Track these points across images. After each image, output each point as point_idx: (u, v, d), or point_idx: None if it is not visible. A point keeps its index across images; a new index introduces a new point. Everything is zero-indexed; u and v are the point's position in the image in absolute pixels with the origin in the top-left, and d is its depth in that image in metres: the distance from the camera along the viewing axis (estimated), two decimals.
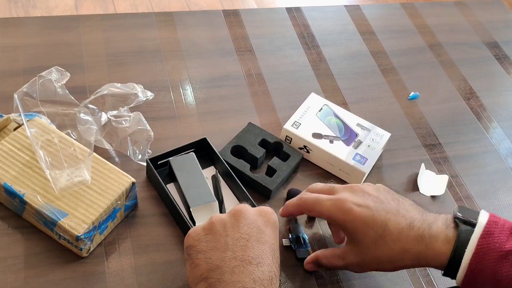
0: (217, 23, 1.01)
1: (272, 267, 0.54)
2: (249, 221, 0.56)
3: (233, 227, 0.56)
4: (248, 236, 0.55)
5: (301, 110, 0.83)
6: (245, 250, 0.54)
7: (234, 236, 0.55)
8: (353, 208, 0.59)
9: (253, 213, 0.58)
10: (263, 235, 0.56)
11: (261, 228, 0.56)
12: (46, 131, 0.70)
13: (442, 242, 0.57)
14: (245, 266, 0.53)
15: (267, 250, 0.55)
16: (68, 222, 0.62)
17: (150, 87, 0.84)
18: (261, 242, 0.55)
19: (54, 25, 0.93)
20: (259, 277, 0.52)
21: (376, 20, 1.09)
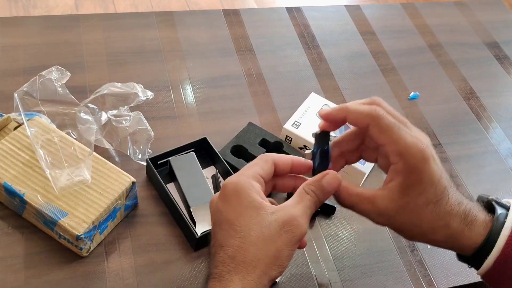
0: (217, 23, 1.01)
1: (230, 242, 0.49)
2: (212, 207, 0.53)
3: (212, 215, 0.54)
4: (214, 222, 0.53)
5: (301, 110, 0.83)
6: (213, 238, 0.52)
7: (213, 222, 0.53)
8: (431, 161, 0.51)
9: (215, 197, 0.53)
10: (221, 214, 0.51)
11: (218, 207, 0.52)
12: (46, 130, 0.69)
13: (481, 223, 0.53)
14: (211, 256, 0.51)
15: (225, 226, 0.50)
16: (68, 222, 0.62)
17: (150, 86, 0.84)
18: (220, 221, 0.51)
19: (54, 24, 0.93)
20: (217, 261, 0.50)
21: (376, 20, 1.09)
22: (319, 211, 0.75)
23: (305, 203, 0.52)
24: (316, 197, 0.53)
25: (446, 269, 0.73)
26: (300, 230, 0.50)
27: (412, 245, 0.75)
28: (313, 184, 0.53)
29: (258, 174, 0.53)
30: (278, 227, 0.49)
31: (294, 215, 0.50)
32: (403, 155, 0.51)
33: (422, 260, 0.73)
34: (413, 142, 0.51)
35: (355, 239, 0.74)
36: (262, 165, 0.54)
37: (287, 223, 0.49)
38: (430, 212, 0.52)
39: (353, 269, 0.71)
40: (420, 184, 0.51)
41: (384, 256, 0.73)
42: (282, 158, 0.55)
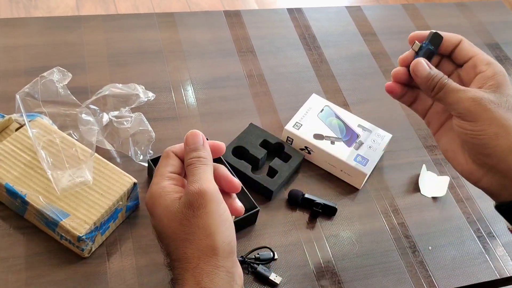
0: (218, 24, 1.01)
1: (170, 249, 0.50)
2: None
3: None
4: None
5: (303, 111, 0.83)
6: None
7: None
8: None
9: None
10: (154, 228, 0.52)
11: (152, 224, 0.53)
12: (47, 131, 0.70)
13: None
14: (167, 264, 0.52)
15: (161, 237, 0.51)
16: (69, 223, 0.62)
17: (152, 87, 0.84)
18: (157, 235, 0.52)
19: (55, 25, 0.93)
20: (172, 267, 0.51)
21: (377, 21, 1.09)
22: (320, 212, 0.75)
23: (195, 172, 0.51)
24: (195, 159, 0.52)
25: (447, 270, 0.73)
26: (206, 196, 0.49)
27: (414, 246, 0.75)
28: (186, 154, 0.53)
29: (166, 173, 0.52)
30: (190, 210, 0.48)
31: (192, 190, 0.49)
32: (492, 63, 0.56)
33: (423, 261, 0.73)
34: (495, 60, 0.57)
35: (356, 240, 0.74)
36: (165, 162, 0.53)
37: (192, 201, 0.48)
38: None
39: (354, 270, 0.71)
40: (509, 86, 0.54)
41: (385, 257, 0.73)
42: (181, 146, 0.55)
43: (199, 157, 0.52)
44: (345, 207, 0.77)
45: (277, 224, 0.74)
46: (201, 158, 0.52)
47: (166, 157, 0.54)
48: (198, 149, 0.53)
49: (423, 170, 0.83)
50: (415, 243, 0.75)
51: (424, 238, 0.76)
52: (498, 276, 0.74)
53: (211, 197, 0.49)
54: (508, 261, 0.75)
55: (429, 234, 0.77)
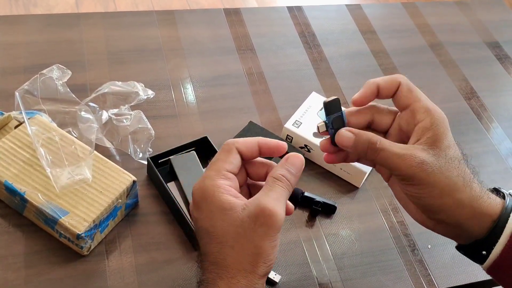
0: (218, 22, 1.00)
1: (210, 249, 0.48)
2: (191, 215, 0.52)
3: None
4: (195, 229, 0.52)
5: (302, 109, 0.83)
6: (198, 246, 0.51)
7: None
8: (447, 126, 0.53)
9: (191, 203, 0.52)
10: (197, 222, 0.50)
11: (194, 216, 0.51)
12: (47, 129, 0.69)
13: (495, 197, 0.54)
14: (201, 260, 0.51)
15: (203, 234, 0.49)
16: (69, 220, 0.62)
17: (151, 85, 0.84)
18: (198, 230, 0.50)
19: (55, 23, 0.93)
20: (203, 268, 0.49)
21: (377, 20, 1.09)
22: (320, 211, 0.75)
23: (276, 189, 0.49)
24: (286, 180, 0.50)
25: (447, 269, 0.73)
26: (274, 219, 0.47)
27: (413, 245, 0.75)
28: (279, 169, 0.51)
29: (223, 170, 0.50)
30: (252, 223, 0.47)
31: (265, 206, 0.47)
32: (430, 111, 0.52)
33: (423, 259, 0.73)
34: (434, 105, 0.54)
35: (356, 239, 0.74)
36: (225, 157, 0.51)
37: (259, 216, 0.47)
38: (458, 167, 0.52)
39: (354, 268, 0.71)
40: (448, 137, 0.52)
41: (385, 255, 0.73)
42: (246, 143, 0.52)
43: (289, 182, 0.50)
44: (345, 206, 0.77)
45: None
46: (290, 184, 0.50)
47: (228, 152, 0.51)
48: (292, 174, 0.51)
49: None
50: (414, 242, 0.75)
51: (423, 236, 0.76)
52: None
53: (278, 223, 0.48)
54: None
55: (428, 232, 0.76)
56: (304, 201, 0.75)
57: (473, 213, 0.53)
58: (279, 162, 0.52)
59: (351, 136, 0.53)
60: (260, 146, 0.52)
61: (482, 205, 0.52)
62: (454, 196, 0.52)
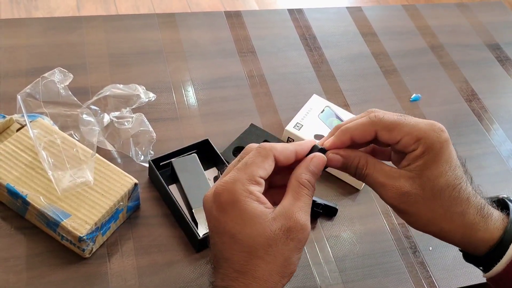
0: (219, 25, 1.01)
1: (236, 257, 0.46)
2: (206, 211, 0.49)
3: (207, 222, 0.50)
4: (211, 229, 0.49)
5: (303, 112, 0.83)
6: (213, 247, 0.49)
7: (209, 233, 0.50)
8: (449, 142, 0.51)
9: (208, 199, 0.49)
10: (219, 224, 0.47)
11: (215, 215, 0.48)
12: (48, 132, 0.70)
13: (497, 218, 0.51)
14: (213, 265, 0.49)
15: (226, 239, 0.47)
16: (70, 223, 0.62)
17: (152, 88, 0.84)
18: (220, 232, 0.47)
19: (56, 26, 0.93)
20: (223, 274, 0.47)
21: (378, 22, 1.09)
22: (321, 213, 0.75)
23: (303, 199, 0.48)
24: (311, 186, 0.49)
25: (448, 271, 0.73)
26: (305, 233, 0.47)
27: (414, 247, 0.75)
28: (305, 172, 0.49)
29: (257, 176, 0.48)
30: (284, 236, 0.46)
31: (297, 219, 0.46)
32: (420, 139, 0.50)
33: (424, 261, 0.73)
34: (428, 125, 0.50)
35: (357, 241, 0.74)
36: (261, 163, 0.48)
37: (292, 230, 0.46)
38: (448, 196, 0.50)
39: (355, 270, 0.71)
40: (439, 164, 0.50)
41: (386, 257, 0.73)
42: (284, 151, 0.50)
43: (314, 187, 0.49)
44: (346, 208, 0.77)
45: None
46: (313, 188, 0.49)
47: (265, 157, 0.49)
48: (315, 177, 0.49)
49: None
50: (415, 244, 0.75)
51: (424, 238, 0.76)
52: None
53: (307, 237, 0.47)
54: None
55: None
56: None
57: (468, 240, 0.52)
58: (302, 162, 0.50)
59: (339, 158, 0.52)
60: (297, 154, 0.50)
61: (477, 233, 0.51)
62: (441, 225, 0.51)
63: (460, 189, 0.50)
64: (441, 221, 0.51)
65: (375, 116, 0.51)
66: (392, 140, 0.51)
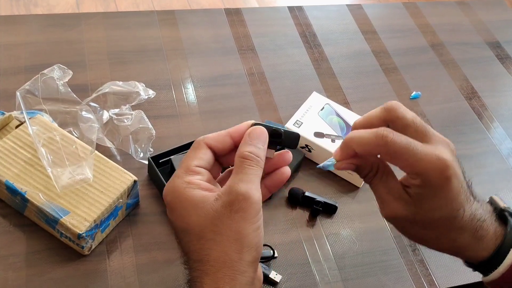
0: (219, 22, 1.00)
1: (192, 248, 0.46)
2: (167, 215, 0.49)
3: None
4: (174, 231, 0.49)
5: (303, 109, 0.83)
6: (178, 246, 0.49)
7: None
8: (452, 179, 0.48)
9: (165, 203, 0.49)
10: (172, 224, 0.48)
11: (169, 217, 0.48)
12: (48, 129, 0.69)
13: (491, 237, 0.52)
14: (184, 261, 0.49)
15: (180, 235, 0.48)
16: (70, 220, 0.62)
17: (152, 85, 0.84)
18: (177, 231, 0.48)
19: (56, 23, 0.93)
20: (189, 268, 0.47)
21: (378, 20, 1.09)
22: (321, 210, 0.75)
23: (245, 170, 0.46)
24: (254, 157, 0.47)
25: (448, 269, 0.73)
26: (250, 201, 0.45)
27: (414, 245, 0.75)
28: (244, 146, 0.48)
29: (191, 166, 0.48)
30: (227, 211, 0.45)
31: (237, 191, 0.45)
32: (421, 175, 0.48)
33: (424, 259, 0.73)
34: (431, 161, 0.47)
35: (357, 238, 0.74)
36: (193, 154, 0.49)
37: (233, 203, 0.45)
38: (442, 225, 0.51)
39: (355, 268, 0.71)
40: (436, 200, 0.49)
41: (386, 255, 0.73)
42: (217, 137, 0.50)
43: (258, 156, 0.47)
44: (346, 206, 0.77)
45: (277, 222, 0.74)
46: (259, 159, 0.47)
47: (196, 149, 0.49)
48: (259, 148, 0.48)
49: None
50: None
51: None
52: None
53: (255, 205, 0.45)
54: None
55: None
56: (305, 201, 0.75)
57: (459, 256, 0.55)
58: (242, 140, 0.49)
59: (352, 167, 0.53)
60: (232, 136, 0.50)
61: (467, 253, 0.53)
62: (431, 245, 0.54)
63: (455, 219, 0.50)
64: (430, 243, 0.54)
65: (382, 137, 0.49)
66: (394, 164, 0.50)
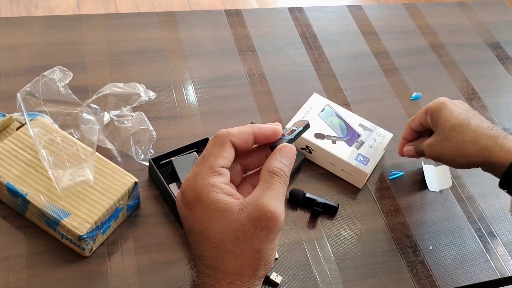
0: (219, 23, 1.01)
1: (207, 253, 0.46)
2: (179, 211, 0.48)
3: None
4: (185, 229, 0.48)
5: (303, 110, 0.83)
6: (190, 246, 0.49)
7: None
8: (448, 103, 0.72)
9: (178, 199, 0.48)
10: (187, 222, 0.47)
11: (184, 215, 0.47)
12: (48, 130, 0.70)
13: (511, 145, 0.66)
14: (195, 263, 0.48)
15: (195, 236, 0.46)
16: (71, 222, 0.62)
17: (153, 87, 0.84)
18: (191, 231, 0.47)
19: (56, 24, 0.93)
20: (198, 271, 0.47)
21: (378, 21, 1.09)
22: (321, 211, 0.75)
23: (274, 187, 0.46)
24: (283, 175, 0.47)
25: (448, 270, 0.73)
26: (277, 221, 0.45)
27: (414, 246, 0.75)
28: (275, 162, 0.47)
29: (217, 167, 0.46)
30: (253, 226, 0.44)
31: (266, 207, 0.44)
32: (427, 111, 0.73)
33: (424, 261, 0.73)
34: (433, 101, 0.74)
35: (357, 240, 0.74)
36: (218, 152, 0.46)
37: (260, 219, 0.44)
38: (457, 132, 0.68)
39: (355, 269, 0.71)
40: (442, 117, 0.71)
41: (386, 256, 0.73)
42: (241, 134, 0.48)
43: (286, 175, 0.47)
44: (346, 207, 0.77)
45: None
46: (286, 177, 0.47)
47: (221, 146, 0.47)
48: (287, 166, 0.48)
49: (424, 166, 0.83)
50: (416, 243, 0.75)
51: (425, 237, 0.76)
52: (499, 276, 0.74)
53: (280, 225, 0.45)
54: (509, 261, 0.75)
55: (430, 233, 0.77)
56: (305, 202, 0.75)
57: (486, 161, 0.67)
58: (271, 154, 0.48)
59: (412, 148, 0.77)
60: (255, 135, 0.49)
61: (493, 153, 0.65)
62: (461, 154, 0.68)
63: (464, 124, 0.68)
64: (459, 151, 0.68)
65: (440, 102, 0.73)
66: (421, 121, 0.75)
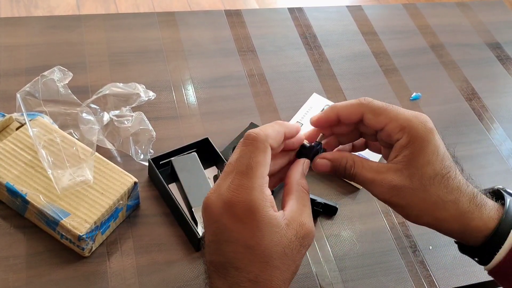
0: (219, 23, 1.01)
1: (251, 267, 0.45)
2: (211, 217, 0.46)
3: (205, 226, 0.48)
4: (216, 236, 0.46)
5: (303, 111, 0.83)
6: (217, 253, 0.46)
7: (207, 237, 0.47)
8: (434, 132, 0.50)
9: (216, 205, 0.46)
10: (230, 233, 0.45)
11: (225, 224, 0.45)
12: (48, 130, 0.70)
13: (491, 207, 0.51)
14: (217, 272, 0.46)
15: (240, 249, 0.45)
16: (70, 222, 0.62)
17: (152, 87, 0.84)
18: (231, 242, 0.45)
19: (56, 24, 0.93)
20: (233, 282, 0.45)
21: (378, 21, 1.09)
22: (321, 212, 0.75)
23: (308, 205, 0.49)
24: (308, 190, 0.50)
25: (448, 270, 0.73)
26: (312, 238, 0.48)
27: (414, 246, 0.75)
28: (302, 177, 0.51)
29: (265, 175, 0.46)
30: (298, 244, 0.46)
31: (309, 226, 0.47)
32: (405, 128, 0.50)
33: (424, 260, 0.73)
34: (413, 115, 0.50)
35: (357, 240, 0.74)
36: (263, 160, 0.46)
37: (305, 237, 0.47)
38: (438, 184, 0.49)
39: (355, 269, 0.71)
40: (426, 153, 0.49)
41: (386, 256, 0.73)
42: (277, 137, 0.48)
43: (307, 187, 0.51)
44: (346, 207, 0.77)
45: None
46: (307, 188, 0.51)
47: (264, 151, 0.46)
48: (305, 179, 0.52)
49: None
50: (415, 243, 0.75)
51: (424, 237, 0.76)
52: None
53: (312, 241, 0.49)
54: None
55: (429, 233, 0.76)
56: None
57: (463, 229, 0.51)
58: (297, 166, 0.51)
59: (327, 162, 0.53)
60: (286, 138, 0.50)
61: (472, 222, 0.50)
62: (435, 215, 0.51)
63: (449, 178, 0.50)
64: (434, 211, 0.50)
65: (365, 99, 0.52)
66: (378, 125, 0.51)
